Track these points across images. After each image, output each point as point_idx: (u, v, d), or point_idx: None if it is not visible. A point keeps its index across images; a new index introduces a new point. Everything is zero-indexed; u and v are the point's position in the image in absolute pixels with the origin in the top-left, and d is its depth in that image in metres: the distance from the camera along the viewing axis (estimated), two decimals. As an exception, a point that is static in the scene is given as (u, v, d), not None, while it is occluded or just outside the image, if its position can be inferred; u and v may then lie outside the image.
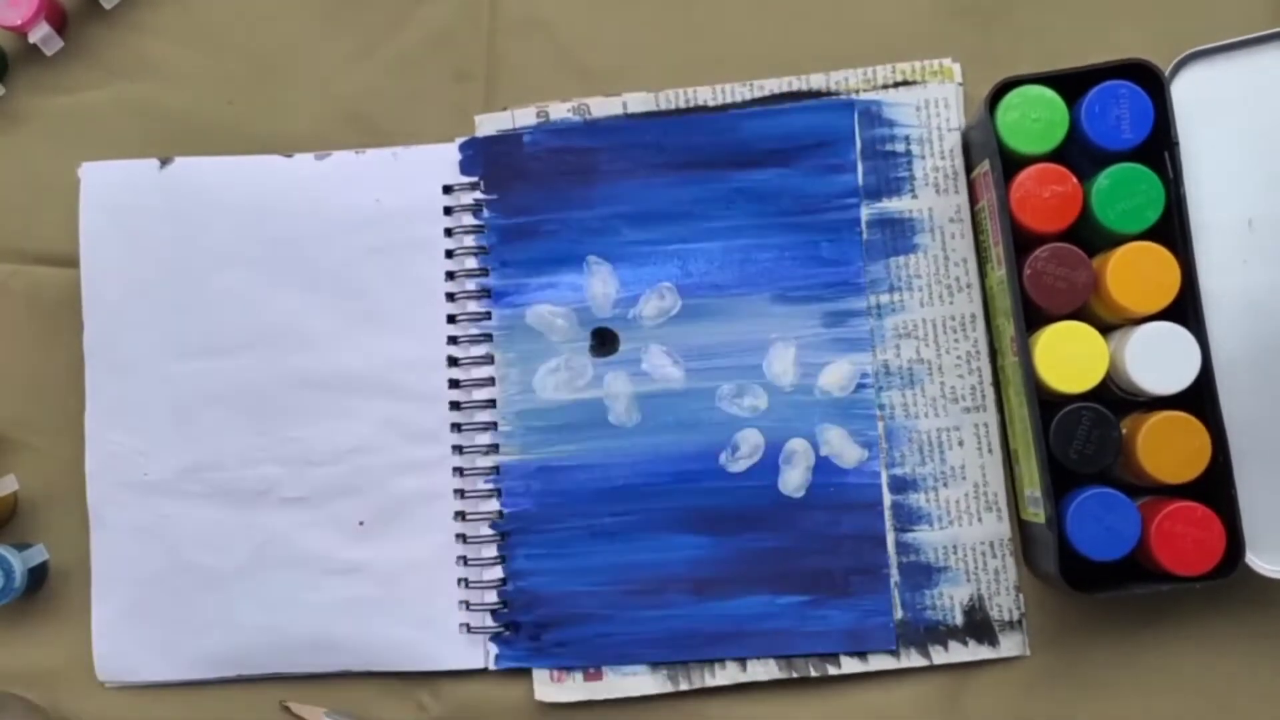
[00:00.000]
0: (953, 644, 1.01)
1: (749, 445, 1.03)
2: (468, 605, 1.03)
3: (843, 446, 1.02)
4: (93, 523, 1.05)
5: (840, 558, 1.02)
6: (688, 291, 1.04)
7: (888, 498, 1.02)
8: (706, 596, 1.02)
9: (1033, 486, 0.95)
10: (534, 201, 1.05)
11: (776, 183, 1.04)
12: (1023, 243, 0.94)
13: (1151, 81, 0.94)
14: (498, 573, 1.03)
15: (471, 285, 1.05)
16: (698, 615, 1.02)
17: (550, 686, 1.03)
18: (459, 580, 1.04)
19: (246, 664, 1.04)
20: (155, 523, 1.05)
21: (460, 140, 1.06)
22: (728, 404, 1.03)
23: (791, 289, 1.04)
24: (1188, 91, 0.97)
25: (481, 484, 1.04)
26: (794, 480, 1.02)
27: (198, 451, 1.05)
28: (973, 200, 1.02)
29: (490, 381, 1.04)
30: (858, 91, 1.04)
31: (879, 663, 1.01)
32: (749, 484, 1.03)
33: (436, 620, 1.03)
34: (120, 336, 1.06)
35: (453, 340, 1.05)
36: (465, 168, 1.05)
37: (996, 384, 1.02)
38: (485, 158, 1.05)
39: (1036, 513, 0.95)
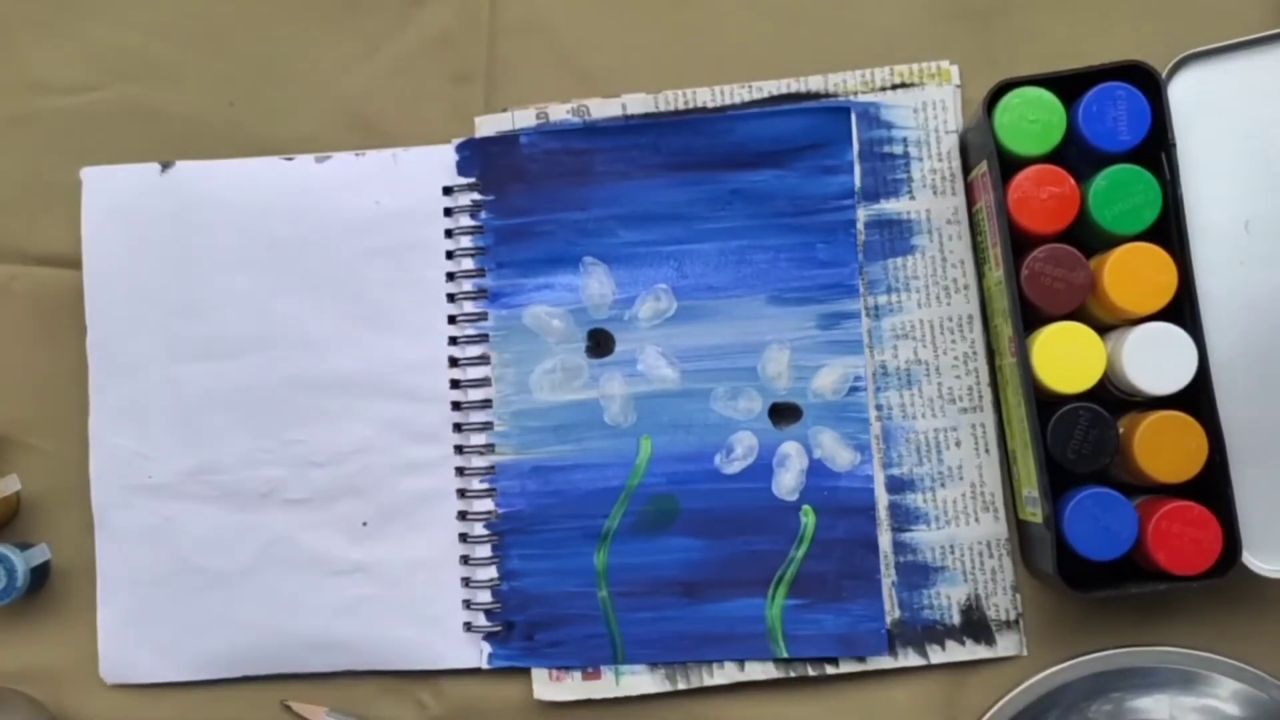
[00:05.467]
0: (950, 643, 1.01)
1: (743, 447, 1.03)
2: (469, 604, 1.04)
3: (835, 450, 1.03)
4: (97, 526, 1.06)
5: (832, 562, 1.02)
6: (683, 293, 1.04)
7: (885, 498, 1.02)
8: (699, 599, 1.02)
9: (1030, 486, 0.95)
10: (530, 202, 1.05)
11: (772, 184, 1.04)
12: (1020, 244, 0.94)
13: (1148, 83, 0.94)
14: (492, 572, 1.04)
15: (469, 286, 1.05)
16: (690, 617, 1.02)
17: (549, 685, 1.03)
18: (462, 579, 1.04)
19: (251, 664, 1.05)
20: (159, 525, 1.05)
21: (457, 141, 1.06)
22: (722, 406, 1.04)
23: (786, 290, 1.04)
24: (1185, 93, 0.98)
25: (477, 484, 1.04)
26: (787, 483, 1.03)
27: (201, 454, 1.05)
28: (970, 201, 1.02)
29: (487, 382, 1.05)
30: (856, 94, 1.04)
31: (876, 662, 1.01)
32: (743, 486, 1.03)
33: (440, 619, 1.04)
34: (123, 340, 1.06)
35: (453, 341, 1.05)
36: (462, 169, 1.06)
37: (994, 384, 1.02)
38: (482, 159, 1.05)
39: (1034, 512, 0.95)
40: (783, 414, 1.03)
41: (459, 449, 1.04)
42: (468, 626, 1.03)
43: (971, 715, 1.00)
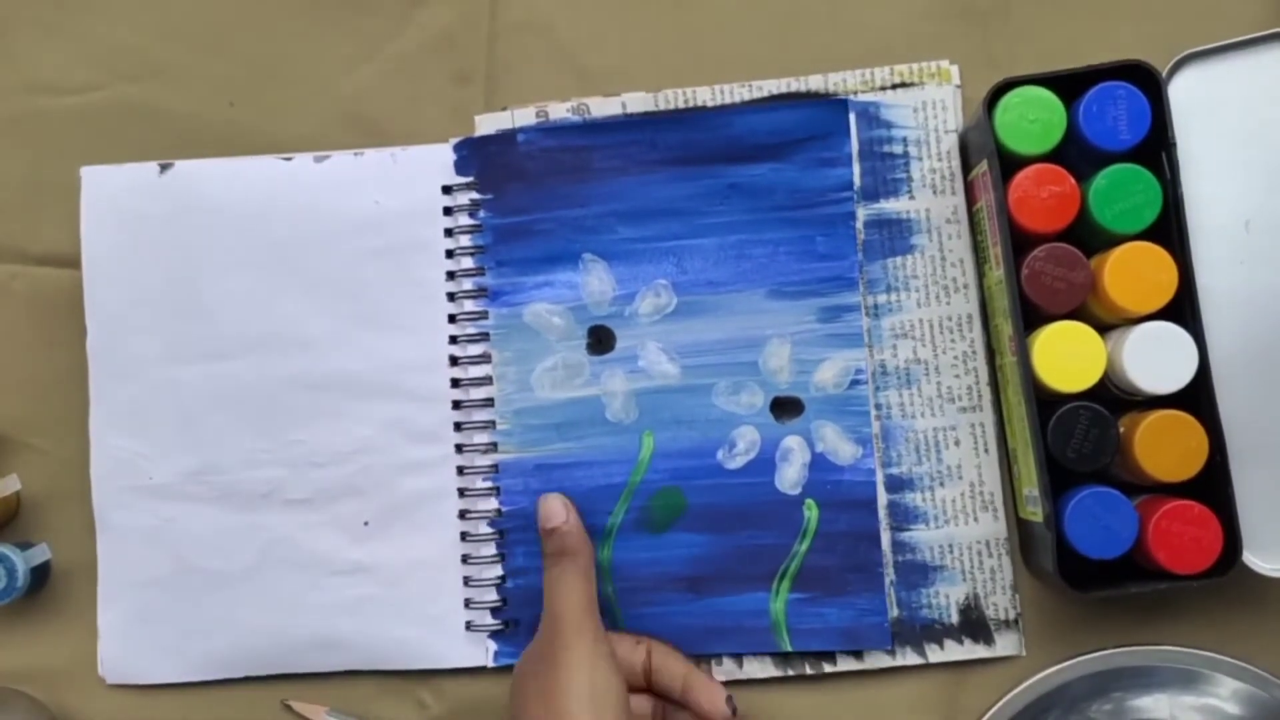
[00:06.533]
0: (949, 643, 1.01)
1: (746, 442, 1.03)
2: (470, 603, 1.04)
3: (838, 443, 1.03)
4: (98, 526, 1.06)
5: (836, 555, 1.02)
6: (683, 288, 1.04)
7: (884, 497, 1.02)
8: (703, 594, 1.02)
9: (1031, 485, 0.95)
10: (529, 200, 1.05)
11: (770, 177, 1.04)
12: (1020, 243, 0.94)
13: (1149, 82, 0.94)
14: (497, 570, 1.04)
15: (469, 285, 1.05)
16: (694, 612, 1.03)
17: (549, 684, 1.03)
18: (464, 579, 1.04)
19: (252, 665, 1.05)
20: (160, 526, 1.05)
21: (454, 140, 1.06)
22: (724, 401, 1.04)
23: (786, 284, 1.04)
24: (1185, 92, 0.98)
25: (481, 483, 1.04)
26: (790, 477, 1.03)
27: (202, 455, 1.05)
28: (970, 201, 1.02)
29: (488, 380, 1.05)
30: (855, 93, 1.04)
31: (875, 661, 1.02)
32: (746, 480, 1.03)
33: (441, 618, 1.04)
34: (123, 341, 1.06)
35: (453, 340, 1.05)
36: (460, 168, 1.06)
37: (993, 384, 1.02)
38: (480, 158, 1.05)
39: (1034, 511, 0.95)
40: (785, 408, 1.04)
41: (459, 448, 1.05)
42: (469, 625, 1.04)
43: (971, 715, 1.00)
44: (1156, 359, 0.92)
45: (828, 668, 1.02)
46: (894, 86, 1.04)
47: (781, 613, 1.02)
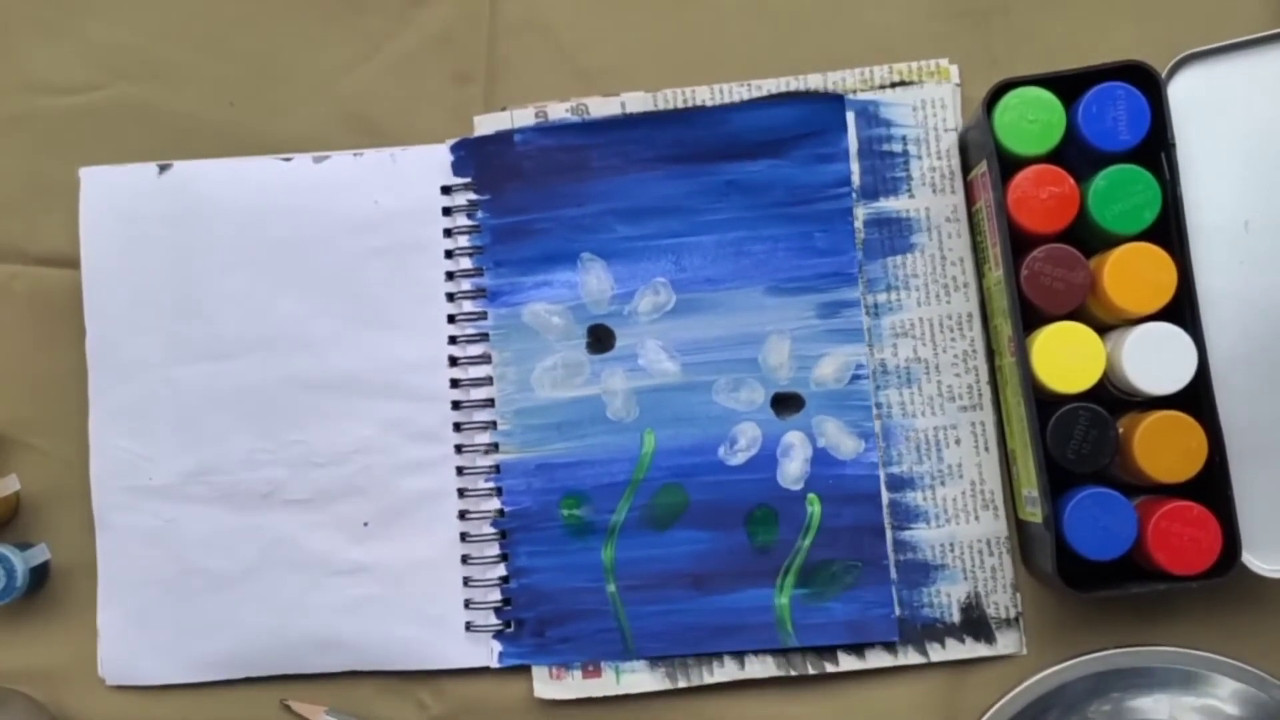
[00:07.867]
0: (950, 642, 1.01)
1: (747, 438, 1.03)
2: (470, 604, 1.04)
3: (839, 438, 1.03)
4: (98, 527, 1.06)
5: (840, 549, 1.02)
6: (682, 286, 1.04)
7: (885, 496, 1.02)
8: (707, 590, 1.02)
9: (1030, 486, 0.95)
10: (527, 200, 1.05)
11: (768, 174, 1.04)
12: (1020, 243, 0.94)
13: (1148, 83, 0.94)
14: (500, 571, 1.04)
15: (468, 285, 1.05)
16: (699, 609, 1.03)
17: (550, 684, 1.03)
18: (464, 579, 1.04)
19: (252, 665, 1.05)
20: (160, 527, 1.05)
21: (452, 141, 1.06)
22: (724, 398, 1.04)
23: (785, 280, 1.04)
24: (1185, 93, 0.97)
25: (482, 483, 1.04)
26: (792, 472, 1.03)
27: (201, 455, 1.05)
28: (970, 201, 1.02)
29: (488, 381, 1.05)
30: (855, 92, 1.04)
31: (876, 660, 1.02)
32: (748, 477, 1.03)
33: (442, 619, 1.04)
34: (123, 342, 1.06)
35: (453, 340, 1.05)
36: (458, 168, 1.06)
37: (993, 383, 1.02)
38: (477, 158, 1.05)
39: (1034, 512, 0.95)
40: (785, 404, 1.04)
41: (459, 448, 1.05)
42: (469, 626, 1.04)
43: (971, 714, 1.00)
44: (1156, 360, 0.92)
45: (829, 667, 1.02)
46: (893, 85, 1.04)
47: (786, 608, 1.02)
